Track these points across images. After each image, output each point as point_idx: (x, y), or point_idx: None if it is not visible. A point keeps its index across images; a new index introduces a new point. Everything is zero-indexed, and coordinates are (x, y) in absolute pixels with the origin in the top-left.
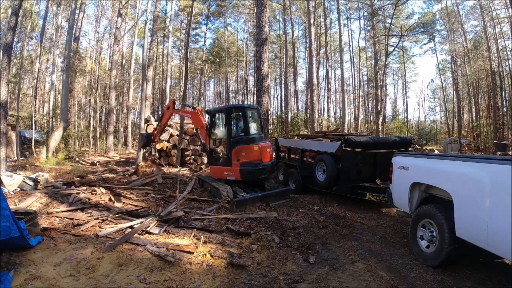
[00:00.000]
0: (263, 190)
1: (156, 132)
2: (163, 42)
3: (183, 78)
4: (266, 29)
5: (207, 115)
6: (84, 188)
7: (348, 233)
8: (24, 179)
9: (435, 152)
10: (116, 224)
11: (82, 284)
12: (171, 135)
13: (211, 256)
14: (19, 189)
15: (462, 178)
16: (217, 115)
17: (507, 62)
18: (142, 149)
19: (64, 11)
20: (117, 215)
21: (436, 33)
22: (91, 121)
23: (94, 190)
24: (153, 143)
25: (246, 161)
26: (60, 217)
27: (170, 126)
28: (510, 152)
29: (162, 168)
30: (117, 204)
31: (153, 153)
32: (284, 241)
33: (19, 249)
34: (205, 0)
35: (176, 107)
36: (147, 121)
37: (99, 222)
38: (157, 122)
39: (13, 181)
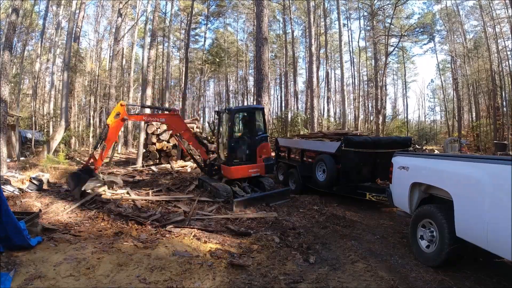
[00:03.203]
0: (263, 190)
1: (101, 155)
2: (163, 42)
3: (183, 78)
4: (266, 29)
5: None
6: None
7: (348, 233)
8: (30, 179)
9: (435, 152)
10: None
11: (82, 284)
12: (171, 135)
13: (211, 256)
14: (30, 190)
15: (462, 178)
16: (238, 114)
17: (507, 62)
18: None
19: (64, 11)
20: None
21: (436, 33)
22: (91, 121)
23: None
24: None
25: (266, 156)
26: (60, 217)
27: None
28: (510, 152)
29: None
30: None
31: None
32: (284, 241)
33: (19, 249)
34: (205, 0)
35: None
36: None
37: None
38: (146, 124)
39: (19, 181)
